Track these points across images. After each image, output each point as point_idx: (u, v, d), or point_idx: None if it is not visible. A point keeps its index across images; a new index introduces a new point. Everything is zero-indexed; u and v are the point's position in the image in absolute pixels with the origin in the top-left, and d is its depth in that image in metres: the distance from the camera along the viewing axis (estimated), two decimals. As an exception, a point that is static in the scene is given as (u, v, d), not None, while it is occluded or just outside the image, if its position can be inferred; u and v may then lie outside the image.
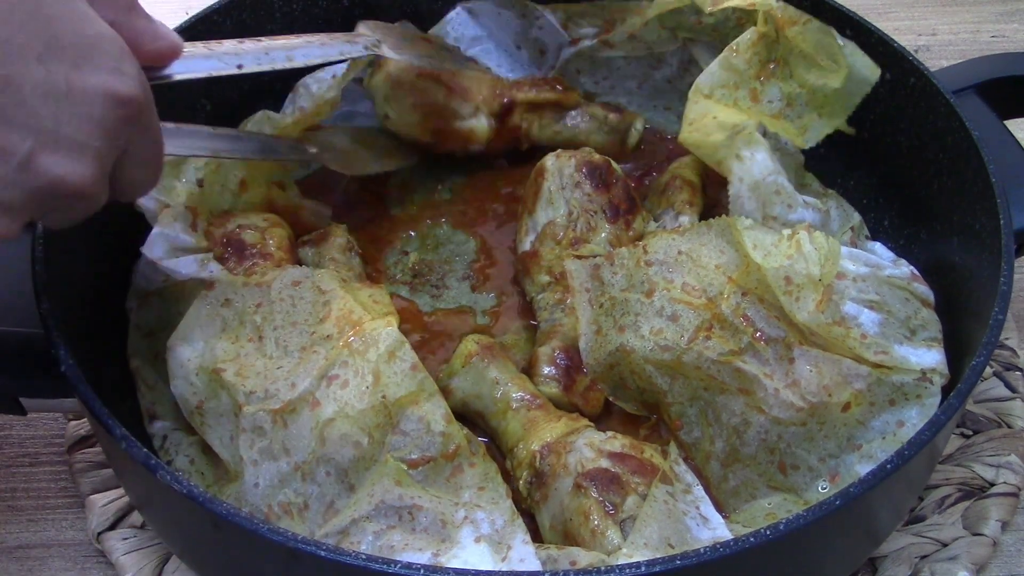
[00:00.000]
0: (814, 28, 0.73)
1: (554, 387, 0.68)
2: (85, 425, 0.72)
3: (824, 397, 0.60)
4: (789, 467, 0.62)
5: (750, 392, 0.62)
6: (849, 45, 0.73)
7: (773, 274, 0.62)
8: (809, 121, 0.75)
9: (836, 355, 0.61)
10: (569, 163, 0.76)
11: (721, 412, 0.63)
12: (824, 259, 0.61)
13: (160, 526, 0.62)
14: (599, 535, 0.56)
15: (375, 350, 0.59)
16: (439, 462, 0.58)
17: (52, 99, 0.45)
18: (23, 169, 0.45)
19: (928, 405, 0.61)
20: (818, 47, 0.73)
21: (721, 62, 0.74)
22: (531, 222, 0.76)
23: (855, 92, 0.73)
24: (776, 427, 0.61)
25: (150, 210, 0.67)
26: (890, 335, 0.62)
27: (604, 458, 0.59)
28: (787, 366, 0.61)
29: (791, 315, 0.61)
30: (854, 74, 0.73)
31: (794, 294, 0.61)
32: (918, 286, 0.65)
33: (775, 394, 0.61)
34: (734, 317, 0.63)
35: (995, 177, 0.65)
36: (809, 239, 0.62)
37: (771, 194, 0.69)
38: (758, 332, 0.62)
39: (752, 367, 0.62)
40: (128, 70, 0.48)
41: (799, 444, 0.61)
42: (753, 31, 0.75)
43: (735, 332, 0.62)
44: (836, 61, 0.73)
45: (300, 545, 0.47)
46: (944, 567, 0.64)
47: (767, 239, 0.63)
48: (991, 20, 1.14)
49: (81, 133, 0.47)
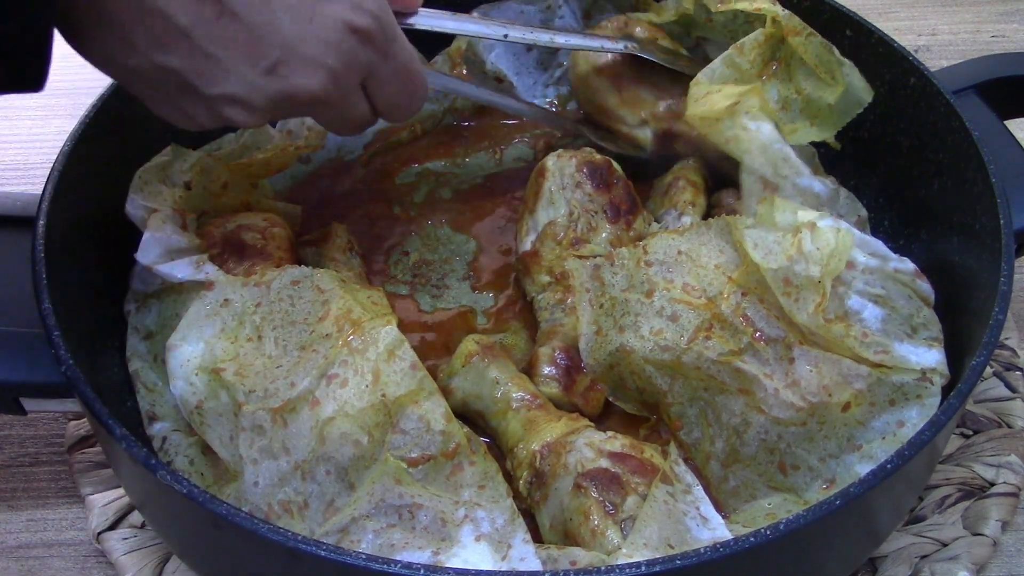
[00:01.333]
0: (816, 42, 0.74)
1: (554, 387, 0.68)
2: (85, 425, 0.72)
3: (824, 397, 0.60)
4: (789, 467, 0.62)
5: (750, 392, 0.62)
6: (847, 64, 0.73)
7: (772, 276, 0.62)
8: (800, 127, 0.76)
9: (836, 355, 0.61)
10: (570, 163, 0.76)
11: (721, 412, 0.63)
12: (828, 257, 0.61)
13: (160, 526, 0.62)
14: (599, 535, 0.56)
15: (375, 349, 0.59)
16: (439, 460, 0.58)
17: (299, 21, 0.55)
18: (267, 73, 0.55)
19: (928, 405, 0.61)
20: (818, 61, 0.74)
21: (724, 59, 0.75)
22: (532, 222, 0.76)
23: (847, 111, 0.74)
24: (776, 427, 0.61)
25: (139, 217, 0.67)
26: (892, 332, 0.62)
27: (604, 458, 0.59)
28: (787, 366, 0.61)
29: (791, 315, 0.61)
30: (849, 93, 0.73)
31: (793, 295, 0.61)
32: (921, 283, 0.65)
33: (775, 394, 0.61)
34: (734, 317, 0.63)
35: (995, 177, 0.65)
36: (811, 238, 0.62)
37: (780, 160, 0.69)
38: (758, 332, 0.62)
39: (752, 367, 0.62)
40: (368, 5, 0.58)
41: (799, 444, 0.61)
42: (760, 32, 0.75)
43: (735, 332, 0.62)
44: (834, 77, 0.74)
45: (300, 545, 0.47)
46: (944, 567, 0.64)
47: (768, 237, 0.63)
48: (991, 20, 1.14)
49: (319, 52, 0.56)
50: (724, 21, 0.82)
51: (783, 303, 0.61)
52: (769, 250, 0.63)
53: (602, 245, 0.73)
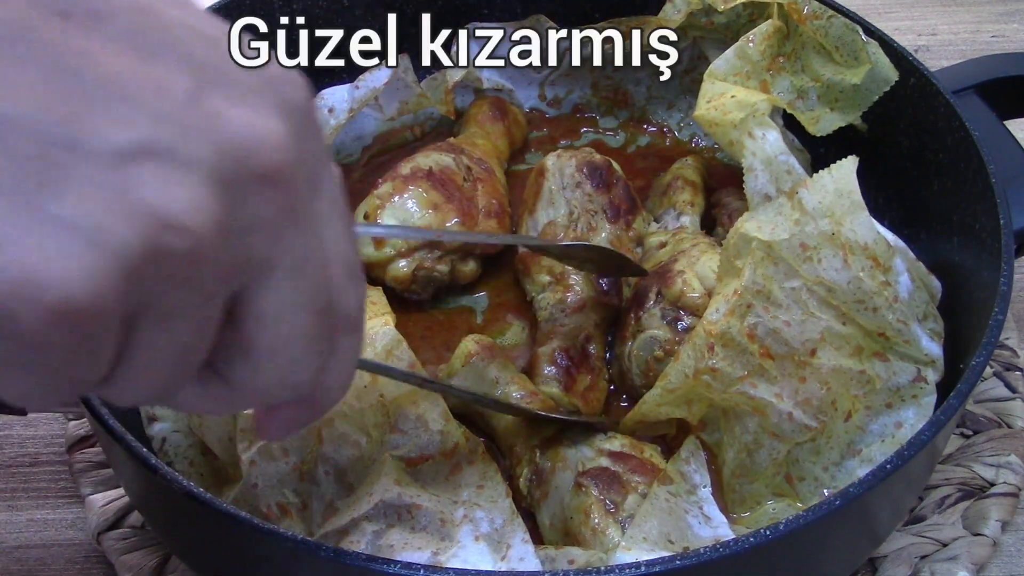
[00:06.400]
0: (839, 24, 0.74)
1: (554, 387, 0.68)
2: (85, 425, 0.72)
3: (832, 412, 0.60)
4: (796, 479, 0.61)
5: (764, 414, 0.60)
6: (873, 44, 0.73)
7: (787, 248, 0.59)
8: (821, 114, 0.75)
9: (849, 329, 0.59)
10: (570, 163, 0.76)
11: (736, 425, 0.62)
12: (834, 202, 0.59)
13: (160, 526, 0.62)
14: (600, 533, 0.56)
15: (372, 349, 0.59)
16: (438, 460, 0.58)
17: (203, 40, 0.31)
18: (192, 105, 0.30)
19: (925, 405, 0.60)
20: (839, 43, 0.73)
21: (736, 50, 0.74)
22: (531, 222, 0.76)
23: (874, 90, 0.73)
24: (786, 446, 0.60)
25: None
26: (913, 309, 0.61)
27: (604, 457, 0.59)
28: (797, 384, 0.60)
29: (821, 281, 0.59)
30: (875, 72, 0.73)
31: (814, 258, 0.59)
32: (932, 279, 0.65)
33: (788, 418, 0.60)
34: (740, 336, 0.60)
35: (995, 177, 0.64)
36: (809, 193, 0.60)
37: (783, 172, 0.68)
38: (763, 349, 0.60)
39: (762, 391, 0.60)
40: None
41: (807, 458, 0.61)
42: (770, 23, 0.75)
43: (741, 352, 0.60)
44: (858, 58, 0.73)
45: (300, 545, 0.47)
46: (944, 567, 0.64)
47: (768, 212, 0.61)
48: (991, 20, 1.13)
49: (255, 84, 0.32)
50: (726, 22, 0.82)
51: (805, 272, 0.59)
52: (775, 224, 0.61)
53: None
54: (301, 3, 0.84)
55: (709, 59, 0.83)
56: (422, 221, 0.72)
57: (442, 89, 0.86)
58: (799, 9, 0.74)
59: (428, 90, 0.86)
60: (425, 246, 0.73)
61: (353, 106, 0.80)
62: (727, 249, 0.62)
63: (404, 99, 0.86)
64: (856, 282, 0.59)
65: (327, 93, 0.81)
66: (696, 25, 0.84)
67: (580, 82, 0.92)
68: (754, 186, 0.68)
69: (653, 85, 0.91)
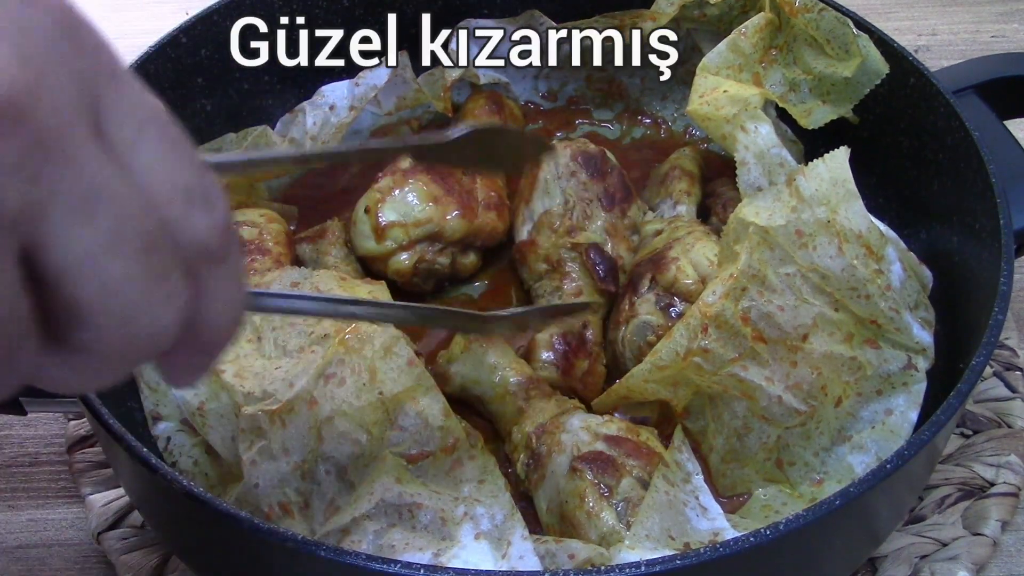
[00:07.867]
0: (830, 16, 0.74)
1: (552, 372, 0.68)
2: (85, 425, 0.72)
3: (821, 397, 0.60)
4: (786, 464, 0.62)
5: (753, 398, 0.61)
6: (863, 37, 0.73)
7: (783, 234, 0.60)
8: (813, 107, 0.75)
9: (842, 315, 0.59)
10: (565, 152, 0.76)
11: (724, 411, 0.63)
12: (830, 190, 0.59)
13: (160, 526, 0.62)
14: (594, 517, 0.56)
15: (371, 347, 0.59)
16: (438, 456, 0.58)
17: None
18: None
19: (915, 392, 0.61)
20: (831, 36, 0.74)
21: (729, 43, 0.74)
22: (528, 211, 0.77)
23: (865, 83, 0.73)
24: (776, 430, 0.61)
25: None
26: (905, 298, 0.62)
27: (600, 441, 0.59)
28: (788, 368, 0.61)
29: (815, 268, 0.59)
30: (867, 65, 0.73)
31: (809, 244, 0.60)
32: (923, 268, 0.65)
33: (778, 401, 0.60)
34: (734, 319, 0.62)
35: (995, 177, 0.64)
36: (805, 180, 0.60)
37: (775, 165, 0.69)
38: (756, 332, 0.62)
39: (752, 375, 0.61)
40: None
41: (797, 443, 0.61)
42: (762, 16, 0.75)
43: (734, 335, 0.62)
44: (849, 51, 0.73)
45: (300, 545, 0.47)
46: (944, 567, 0.64)
47: (767, 199, 0.62)
48: (991, 20, 1.13)
49: None
50: (718, 14, 0.82)
51: (800, 259, 0.59)
52: (772, 210, 0.62)
53: (597, 233, 0.74)
54: (301, 3, 0.84)
55: (702, 50, 0.83)
56: (423, 214, 0.73)
57: (440, 86, 0.85)
58: (790, 2, 0.75)
59: (425, 86, 0.85)
60: (426, 239, 0.73)
61: (354, 104, 0.80)
62: (727, 235, 0.63)
63: (402, 95, 0.86)
64: (850, 269, 0.60)
65: (327, 89, 0.81)
66: (689, 17, 0.84)
67: (575, 75, 0.92)
68: (747, 180, 0.68)
69: (647, 77, 0.91)
